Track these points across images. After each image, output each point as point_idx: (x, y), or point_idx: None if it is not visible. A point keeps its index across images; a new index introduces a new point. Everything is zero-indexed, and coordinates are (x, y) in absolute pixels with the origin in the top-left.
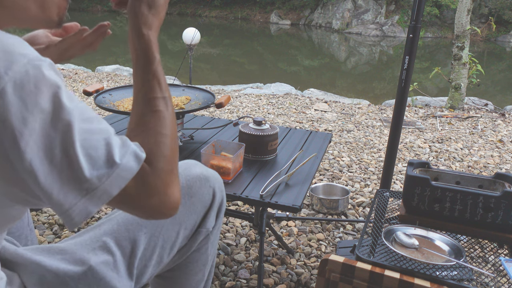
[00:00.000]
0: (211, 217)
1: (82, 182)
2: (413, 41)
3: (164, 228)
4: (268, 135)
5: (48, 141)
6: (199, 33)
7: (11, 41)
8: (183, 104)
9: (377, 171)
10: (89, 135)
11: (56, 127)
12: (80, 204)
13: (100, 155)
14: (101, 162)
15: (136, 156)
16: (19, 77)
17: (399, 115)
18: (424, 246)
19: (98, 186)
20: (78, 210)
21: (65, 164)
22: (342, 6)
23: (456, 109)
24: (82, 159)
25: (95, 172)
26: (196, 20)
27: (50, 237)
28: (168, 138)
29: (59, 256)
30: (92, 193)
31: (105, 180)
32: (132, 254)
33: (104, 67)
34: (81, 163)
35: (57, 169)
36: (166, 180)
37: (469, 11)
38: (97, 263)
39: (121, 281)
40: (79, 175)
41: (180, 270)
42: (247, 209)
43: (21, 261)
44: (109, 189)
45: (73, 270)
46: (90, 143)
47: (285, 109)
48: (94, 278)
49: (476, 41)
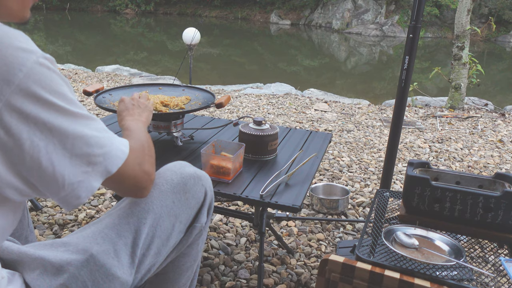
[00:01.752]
0: (204, 213)
1: (91, 156)
2: (413, 41)
3: (161, 220)
4: (268, 135)
5: (60, 128)
6: (199, 33)
7: (18, 37)
8: (183, 104)
9: (377, 171)
10: (91, 121)
11: (66, 115)
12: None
13: (103, 137)
14: (105, 142)
15: (125, 143)
16: (31, 73)
17: (399, 115)
18: (424, 246)
19: (101, 162)
20: (84, 187)
21: (76, 145)
22: (342, 6)
23: (456, 109)
24: (92, 138)
25: (100, 150)
26: (196, 20)
27: (50, 237)
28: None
29: (62, 248)
30: (96, 169)
31: (107, 157)
32: (133, 244)
33: (104, 67)
34: (91, 141)
35: (69, 150)
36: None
37: (469, 11)
38: (98, 251)
39: (121, 269)
40: (88, 151)
41: (172, 266)
42: (247, 209)
43: (25, 258)
44: (109, 166)
45: (76, 259)
46: (94, 127)
47: (285, 109)
48: (96, 265)
49: (476, 41)
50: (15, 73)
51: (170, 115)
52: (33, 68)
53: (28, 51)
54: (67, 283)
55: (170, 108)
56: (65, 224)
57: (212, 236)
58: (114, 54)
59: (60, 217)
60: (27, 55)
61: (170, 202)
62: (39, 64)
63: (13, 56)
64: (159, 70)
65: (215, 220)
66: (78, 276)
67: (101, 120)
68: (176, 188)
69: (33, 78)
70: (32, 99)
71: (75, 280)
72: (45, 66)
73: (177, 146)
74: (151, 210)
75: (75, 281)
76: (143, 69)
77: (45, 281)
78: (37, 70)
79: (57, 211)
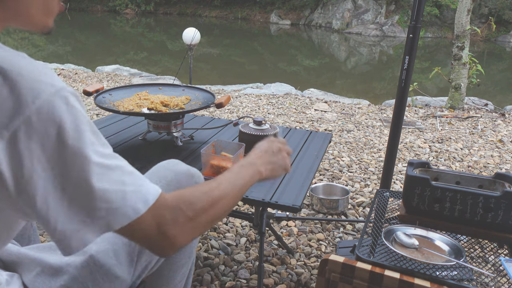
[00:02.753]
0: None
1: (91, 210)
2: (413, 41)
3: None
4: (268, 135)
5: (65, 169)
6: (199, 33)
7: (40, 69)
8: (183, 104)
9: (377, 171)
10: (106, 171)
11: (75, 157)
12: (82, 231)
13: (114, 191)
14: (114, 197)
15: (145, 201)
16: (45, 106)
17: (399, 115)
18: (424, 246)
19: (103, 217)
20: (77, 237)
21: (78, 193)
22: (342, 6)
23: (456, 109)
24: (97, 192)
25: (104, 205)
26: (196, 20)
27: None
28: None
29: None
30: (95, 223)
31: (111, 213)
32: (130, 243)
33: (104, 67)
34: (95, 194)
35: (68, 196)
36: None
37: (469, 11)
38: (97, 251)
39: (121, 268)
40: (90, 204)
41: (167, 264)
42: (247, 209)
43: (24, 260)
44: (112, 222)
45: (75, 260)
46: (106, 179)
47: (285, 109)
48: (95, 266)
49: (476, 41)
50: (27, 105)
51: (170, 115)
52: (49, 101)
53: (46, 83)
54: (67, 284)
55: (170, 108)
56: None
57: (212, 236)
58: (114, 54)
59: None
60: (45, 87)
61: None
62: (58, 97)
63: (28, 88)
64: (159, 70)
65: None
66: (78, 276)
67: (104, 124)
68: (170, 186)
69: (46, 112)
70: (40, 135)
71: (75, 281)
72: (64, 101)
73: (177, 146)
74: None
75: (75, 282)
76: (143, 69)
77: (45, 282)
78: (52, 104)
79: None
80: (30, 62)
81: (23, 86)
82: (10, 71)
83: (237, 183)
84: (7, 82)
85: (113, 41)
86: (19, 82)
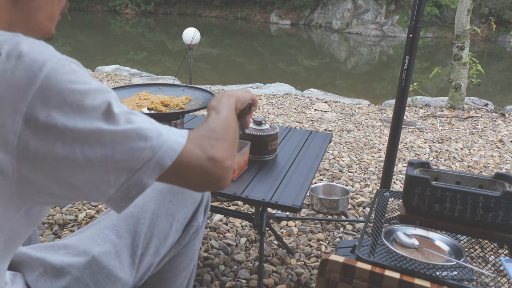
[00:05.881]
0: (201, 212)
1: (136, 151)
2: (413, 41)
3: (159, 219)
4: (268, 135)
5: (92, 128)
6: (199, 33)
7: (40, 44)
8: (183, 104)
9: (377, 171)
10: (131, 116)
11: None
12: (136, 176)
13: (147, 129)
14: (150, 134)
15: (179, 134)
16: (53, 73)
17: (399, 115)
18: (424, 246)
19: (151, 157)
20: (134, 183)
21: (116, 142)
22: (342, 6)
23: (456, 109)
24: (131, 131)
25: (145, 143)
26: (196, 20)
27: (50, 237)
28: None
29: (63, 251)
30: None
31: (156, 149)
32: (133, 244)
33: (104, 67)
34: (131, 134)
35: (109, 150)
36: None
37: (469, 11)
38: (99, 253)
39: (123, 269)
40: (131, 146)
41: (169, 266)
42: (247, 209)
43: (26, 259)
44: (161, 159)
45: (77, 261)
46: (134, 120)
47: (285, 109)
48: (98, 267)
49: (476, 41)
50: (36, 75)
51: (170, 115)
52: (54, 68)
53: (48, 54)
54: (69, 285)
55: (170, 108)
56: (65, 224)
57: (212, 236)
58: (114, 54)
59: (60, 217)
60: (47, 57)
61: (168, 202)
62: (61, 65)
63: (33, 60)
64: (159, 70)
65: (215, 220)
66: (80, 278)
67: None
68: (173, 188)
69: (55, 78)
70: (56, 101)
71: (77, 282)
72: (69, 67)
73: None
74: (149, 210)
75: (77, 283)
76: (143, 69)
77: (47, 283)
78: (58, 70)
79: (57, 211)
80: (29, 39)
81: (28, 60)
82: (13, 50)
83: (228, 108)
84: (12, 59)
85: (113, 41)
86: (24, 57)
